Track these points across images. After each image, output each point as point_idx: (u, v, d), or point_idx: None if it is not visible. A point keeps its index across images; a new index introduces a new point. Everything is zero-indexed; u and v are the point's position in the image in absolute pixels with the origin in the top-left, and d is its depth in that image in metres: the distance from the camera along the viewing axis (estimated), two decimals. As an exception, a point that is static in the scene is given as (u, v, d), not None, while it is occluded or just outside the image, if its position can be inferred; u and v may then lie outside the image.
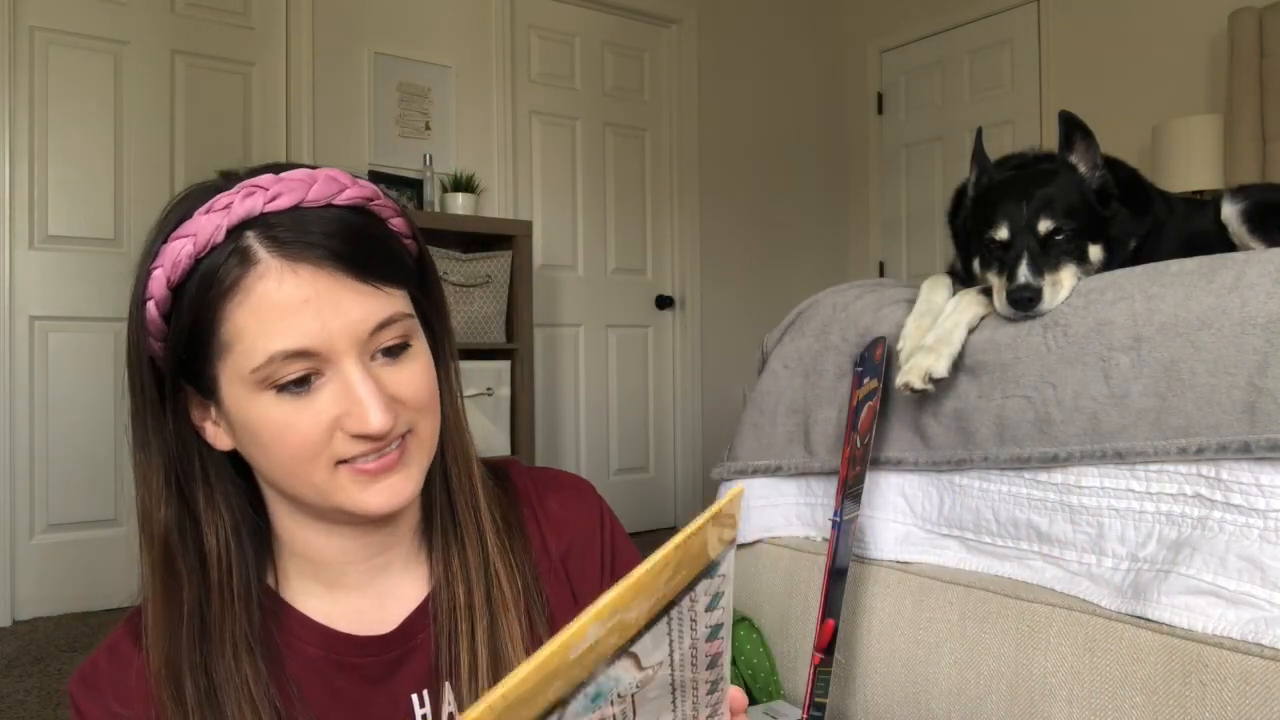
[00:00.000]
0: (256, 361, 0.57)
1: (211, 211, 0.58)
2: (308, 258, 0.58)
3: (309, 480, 0.61)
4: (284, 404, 0.59)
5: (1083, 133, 1.36)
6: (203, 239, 0.57)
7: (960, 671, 1.23)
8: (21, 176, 2.78)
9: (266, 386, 0.58)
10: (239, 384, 0.59)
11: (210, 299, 0.58)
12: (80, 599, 2.81)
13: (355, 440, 0.60)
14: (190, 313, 0.59)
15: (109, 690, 0.63)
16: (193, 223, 0.58)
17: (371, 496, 0.61)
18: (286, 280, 0.57)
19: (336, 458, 0.60)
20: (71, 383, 2.84)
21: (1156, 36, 3.51)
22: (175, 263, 0.58)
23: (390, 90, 3.40)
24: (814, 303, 1.64)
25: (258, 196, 0.58)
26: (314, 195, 0.60)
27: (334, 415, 0.59)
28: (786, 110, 4.45)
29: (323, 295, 0.58)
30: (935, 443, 1.34)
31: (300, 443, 0.59)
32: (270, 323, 0.57)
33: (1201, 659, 1.00)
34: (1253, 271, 1.10)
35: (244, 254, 0.57)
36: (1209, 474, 1.07)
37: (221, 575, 0.63)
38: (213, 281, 0.58)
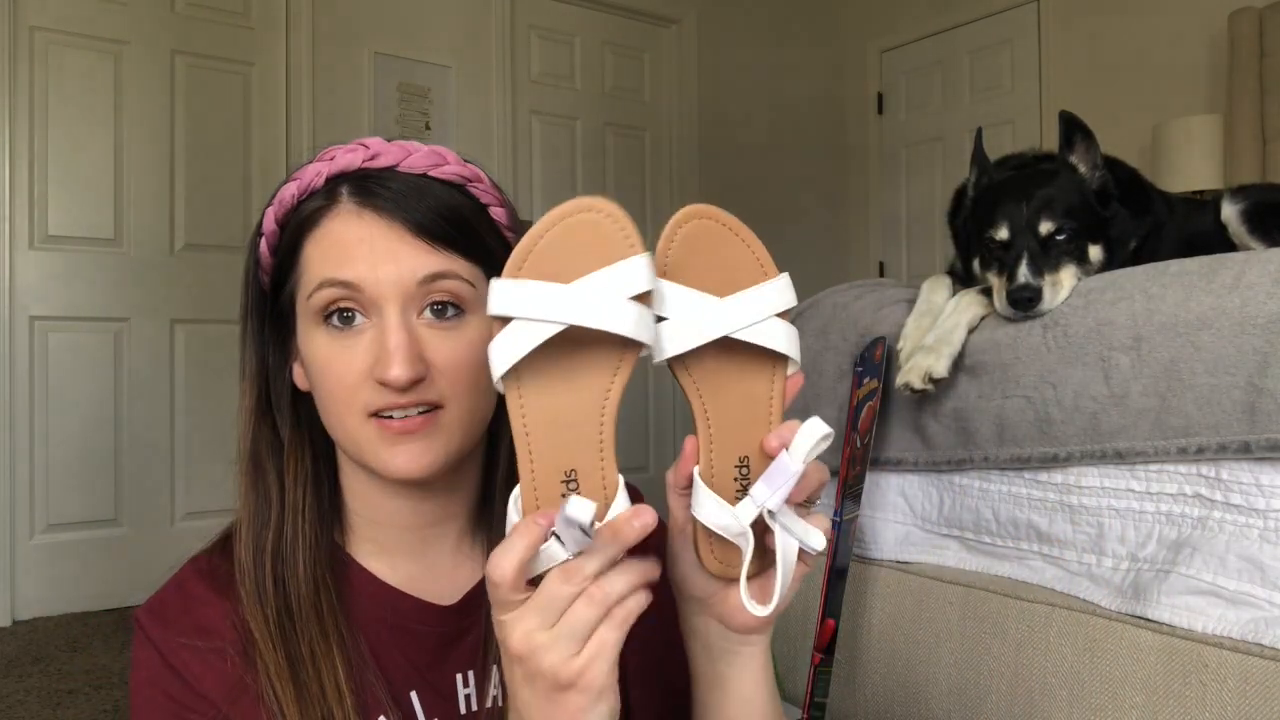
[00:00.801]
0: (310, 288, 0.63)
1: (320, 160, 0.66)
2: (377, 206, 0.63)
3: (344, 426, 0.64)
4: (331, 341, 0.63)
5: (1083, 133, 1.36)
6: (305, 182, 0.65)
7: (960, 671, 1.23)
8: (21, 176, 2.78)
9: (319, 320, 0.63)
10: (304, 315, 0.65)
11: (299, 232, 0.65)
12: (80, 599, 2.81)
13: (381, 390, 0.62)
14: (285, 246, 0.66)
15: (180, 622, 0.65)
16: (304, 168, 0.66)
17: (391, 458, 0.63)
18: (351, 221, 0.63)
19: (368, 408, 0.62)
20: (71, 383, 2.84)
21: (1156, 36, 3.51)
22: (282, 201, 0.66)
23: (390, 90, 3.40)
24: (814, 303, 1.64)
25: (359, 153, 0.66)
26: (411, 163, 0.66)
27: (368, 361, 0.62)
28: (786, 110, 4.45)
29: (378, 240, 0.62)
30: (935, 443, 1.34)
31: (337, 382, 0.63)
32: (327, 254, 0.63)
33: (1201, 659, 1.00)
34: (1253, 271, 1.10)
35: (331, 196, 0.64)
36: (1209, 474, 1.07)
37: (299, 500, 0.67)
38: (304, 219, 0.64)
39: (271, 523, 0.67)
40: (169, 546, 2.92)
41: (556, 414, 0.52)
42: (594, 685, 0.49)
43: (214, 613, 0.65)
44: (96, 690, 2.13)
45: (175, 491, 3.00)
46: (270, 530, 0.66)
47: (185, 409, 3.03)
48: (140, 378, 2.95)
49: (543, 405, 0.52)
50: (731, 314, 0.55)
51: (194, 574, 0.68)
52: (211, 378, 3.07)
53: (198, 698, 0.62)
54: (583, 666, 0.49)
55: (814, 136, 4.56)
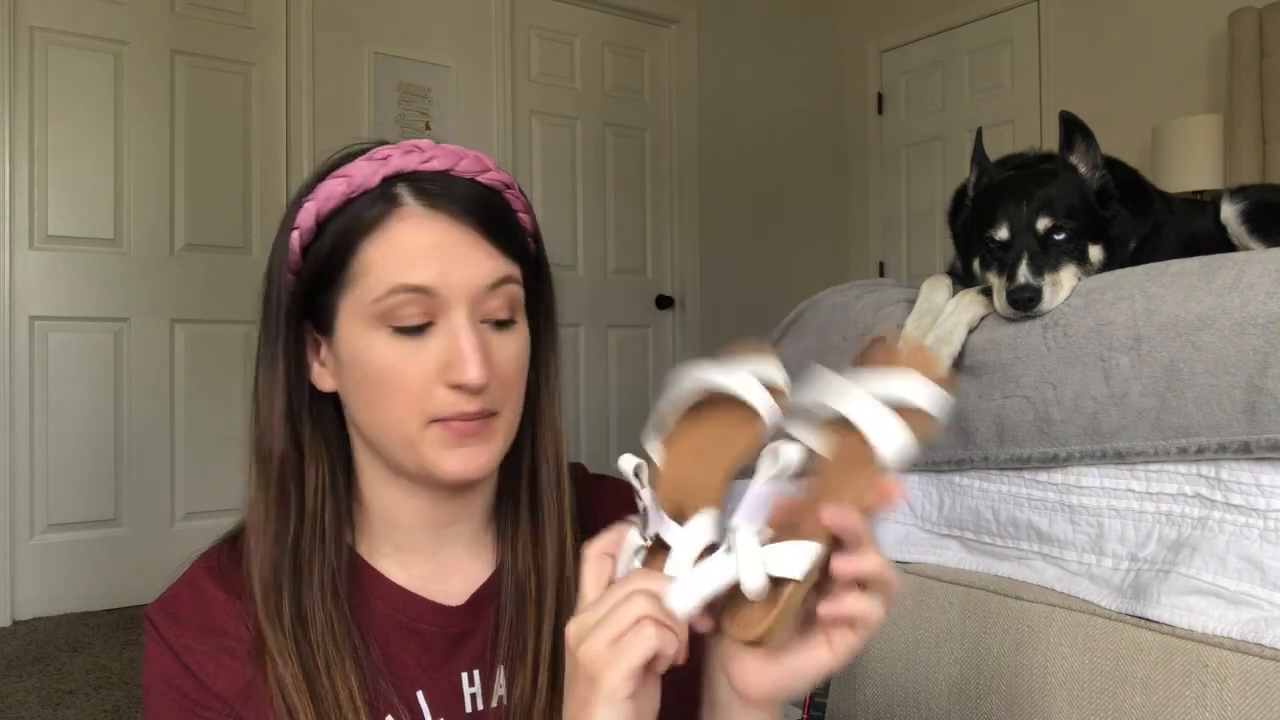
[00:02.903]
0: (379, 292, 0.61)
1: (371, 159, 0.64)
2: (446, 210, 0.63)
3: (401, 429, 0.63)
4: (396, 344, 0.62)
5: (1083, 133, 1.36)
6: (358, 181, 0.63)
7: (960, 671, 1.23)
8: (21, 176, 2.78)
9: (383, 323, 0.62)
10: (358, 318, 0.63)
11: (352, 233, 0.63)
12: (80, 599, 2.81)
13: (452, 393, 0.62)
14: (330, 243, 0.63)
15: (192, 619, 0.65)
16: (352, 166, 0.64)
17: (450, 459, 0.64)
18: (423, 224, 0.62)
19: (431, 415, 0.63)
20: (71, 383, 2.84)
21: (1156, 36, 3.51)
22: (328, 197, 0.63)
23: (390, 90, 3.40)
24: (814, 303, 1.64)
25: (414, 155, 0.65)
26: (462, 167, 0.66)
27: (438, 365, 0.62)
28: (786, 110, 4.45)
29: (451, 244, 0.63)
30: (935, 443, 1.34)
31: (403, 386, 0.62)
32: (399, 258, 0.62)
33: (1201, 659, 1.00)
34: (1253, 271, 1.10)
35: (391, 198, 0.63)
36: (1209, 474, 1.07)
37: (317, 509, 0.67)
38: (358, 217, 0.63)
39: (290, 535, 0.65)
40: (169, 546, 2.92)
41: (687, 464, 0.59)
42: (605, 685, 0.50)
43: (227, 611, 0.65)
44: (96, 690, 2.13)
45: (175, 491, 3.00)
46: (289, 542, 0.65)
47: (185, 409, 3.02)
48: (140, 378, 2.95)
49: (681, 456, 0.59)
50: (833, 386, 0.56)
51: (205, 571, 0.68)
52: (211, 378, 3.07)
53: (211, 696, 0.63)
54: (604, 663, 0.50)
55: (814, 136, 4.56)
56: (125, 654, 2.39)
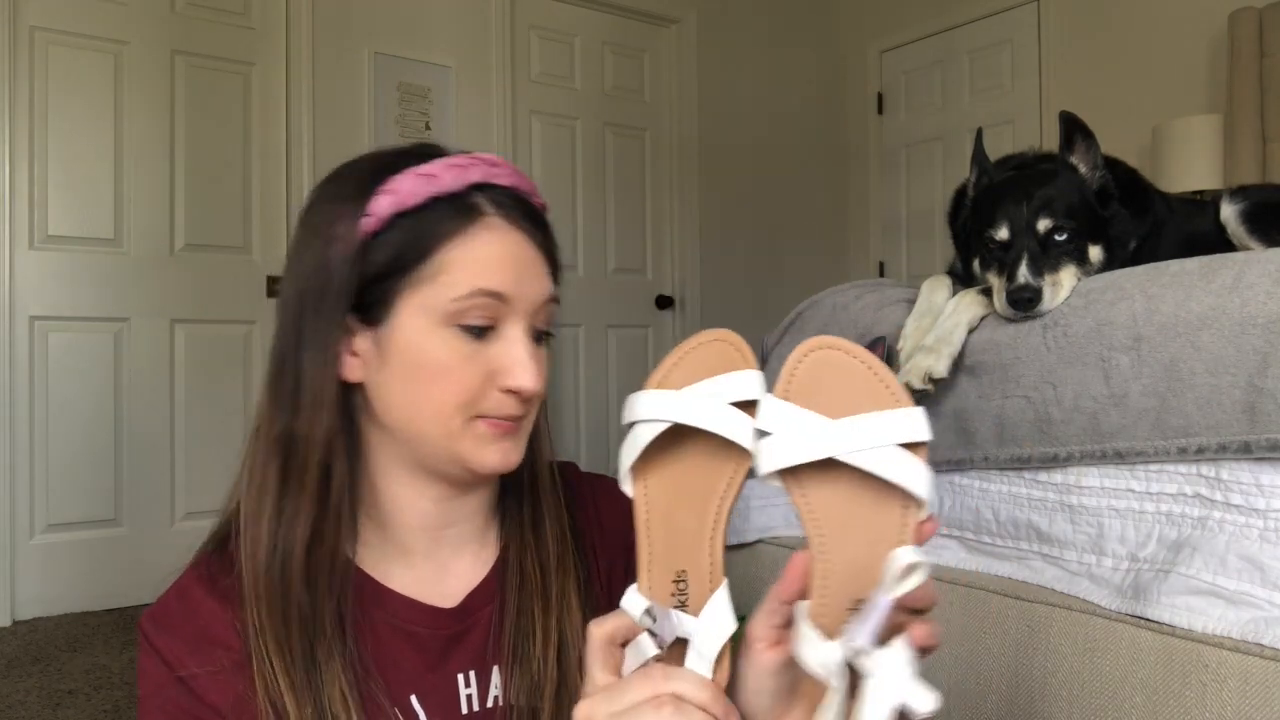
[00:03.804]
0: (459, 292, 0.64)
1: (454, 166, 0.66)
2: (522, 226, 0.67)
3: (442, 423, 0.65)
4: (461, 343, 0.64)
5: (1083, 133, 1.36)
6: (444, 183, 0.65)
7: (960, 671, 1.24)
8: (21, 176, 2.78)
9: (452, 321, 0.64)
10: (426, 312, 0.64)
11: (433, 232, 0.64)
12: (80, 599, 2.81)
13: (504, 395, 0.66)
14: (405, 237, 0.64)
15: (182, 629, 0.65)
16: (434, 167, 0.65)
17: (491, 453, 0.67)
18: (504, 235, 0.66)
19: (477, 412, 0.66)
20: (71, 383, 2.84)
21: (1156, 36, 3.51)
22: (412, 194, 0.64)
23: (390, 90, 3.40)
24: (814, 303, 1.64)
25: (494, 169, 0.68)
26: (524, 186, 0.70)
27: (494, 368, 0.65)
28: (786, 110, 4.45)
29: (525, 258, 0.67)
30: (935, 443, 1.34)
31: (461, 383, 0.65)
32: (482, 263, 0.64)
33: (1201, 659, 1.00)
34: (1253, 271, 1.10)
35: (474, 206, 0.66)
36: (1209, 474, 1.07)
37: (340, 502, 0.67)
38: (440, 220, 0.64)
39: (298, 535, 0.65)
40: (169, 546, 2.92)
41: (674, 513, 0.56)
42: None
43: (217, 620, 0.65)
44: (96, 690, 2.13)
45: (175, 491, 3.00)
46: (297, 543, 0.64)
47: (185, 409, 3.02)
48: (140, 378, 2.95)
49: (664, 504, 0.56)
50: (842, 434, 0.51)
51: (196, 580, 0.68)
52: (211, 378, 3.07)
53: (205, 708, 0.63)
54: None
55: (814, 136, 4.56)
56: (125, 654, 2.39)
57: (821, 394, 0.53)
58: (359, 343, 0.66)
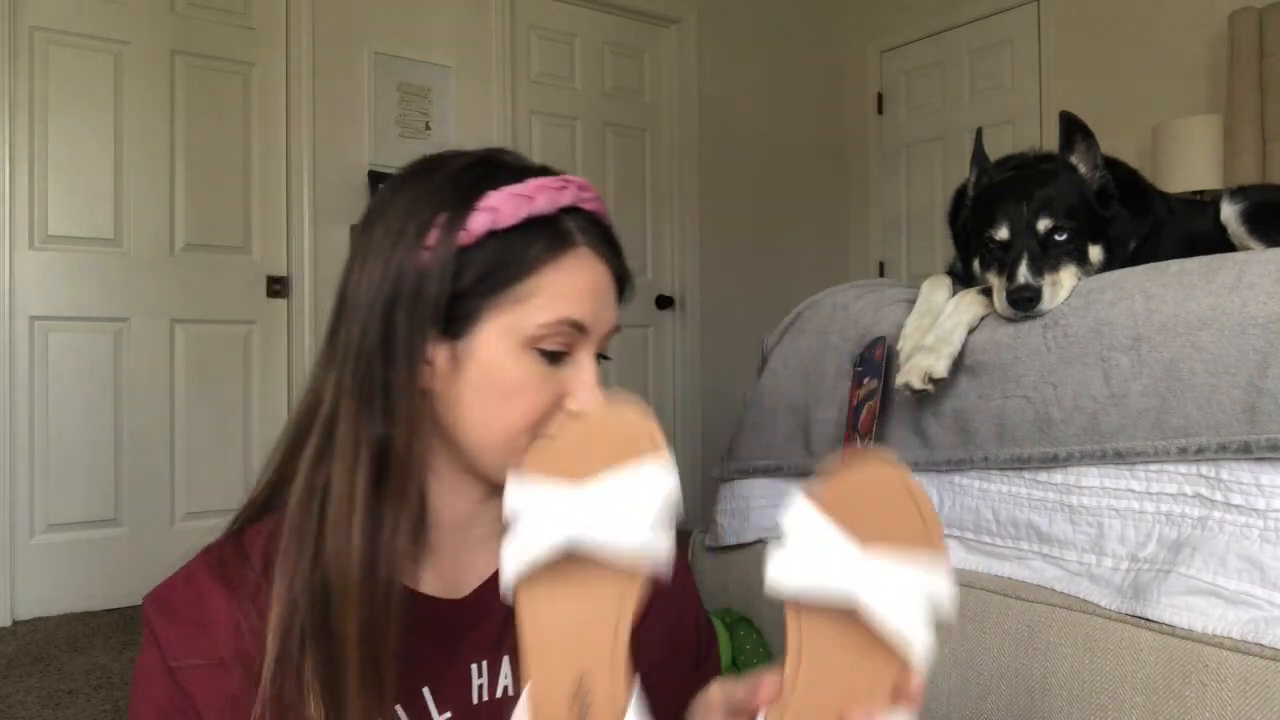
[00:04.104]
0: (545, 319, 0.65)
1: (548, 188, 0.67)
2: (606, 256, 0.69)
3: (513, 442, 0.66)
4: (537, 366, 0.66)
5: (1083, 133, 1.36)
6: (539, 206, 0.66)
7: (960, 671, 1.23)
8: (21, 176, 2.77)
9: (532, 345, 0.65)
10: (509, 333, 0.65)
11: (528, 254, 0.65)
12: (80, 599, 2.81)
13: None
14: (498, 257, 0.65)
15: (184, 614, 0.65)
16: (530, 188, 0.66)
17: None
18: (594, 266, 0.68)
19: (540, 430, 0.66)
20: (71, 383, 2.84)
21: (1156, 36, 3.51)
22: (511, 214, 0.65)
23: (390, 90, 3.40)
24: (814, 303, 1.64)
25: (584, 193, 0.69)
26: (603, 210, 0.72)
27: (563, 391, 0.66)
28: (786, 110, 4.45)
29: (602, 289, 0.69)
30: (935, 443, 1.34)
31: (533, 404, 0.66)
32: (569, 292, 0.66)
33: (1201, 659, 1.00)
34: (1253, 271, 1.10)
35: (567, 233, 0.67)
36: (1209, 474, 1.07)
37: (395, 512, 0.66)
38: (534, 242, 0.65)
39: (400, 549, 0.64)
40: (169, 546, 2.92)
41: (570, 619, 0.51)
42: None
43: (221, 612, 0.65)
44: (96, 690, 2.13)
45: (175, 491, 3.00)
46: (400, 557, 0.64)
47: (185, 409, 3.02)
48: (140, 378, 2.95)
49: (556, 610, 0.51)
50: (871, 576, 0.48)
51: (205, 566, 0.68)
52: (211, 378, 3.07)
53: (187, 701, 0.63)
54: None
55: (814, 136, 4.56)
56: (125, 654, 2.39)
57: (860, 513, 0.49)
58: (433, 351, 0.66)
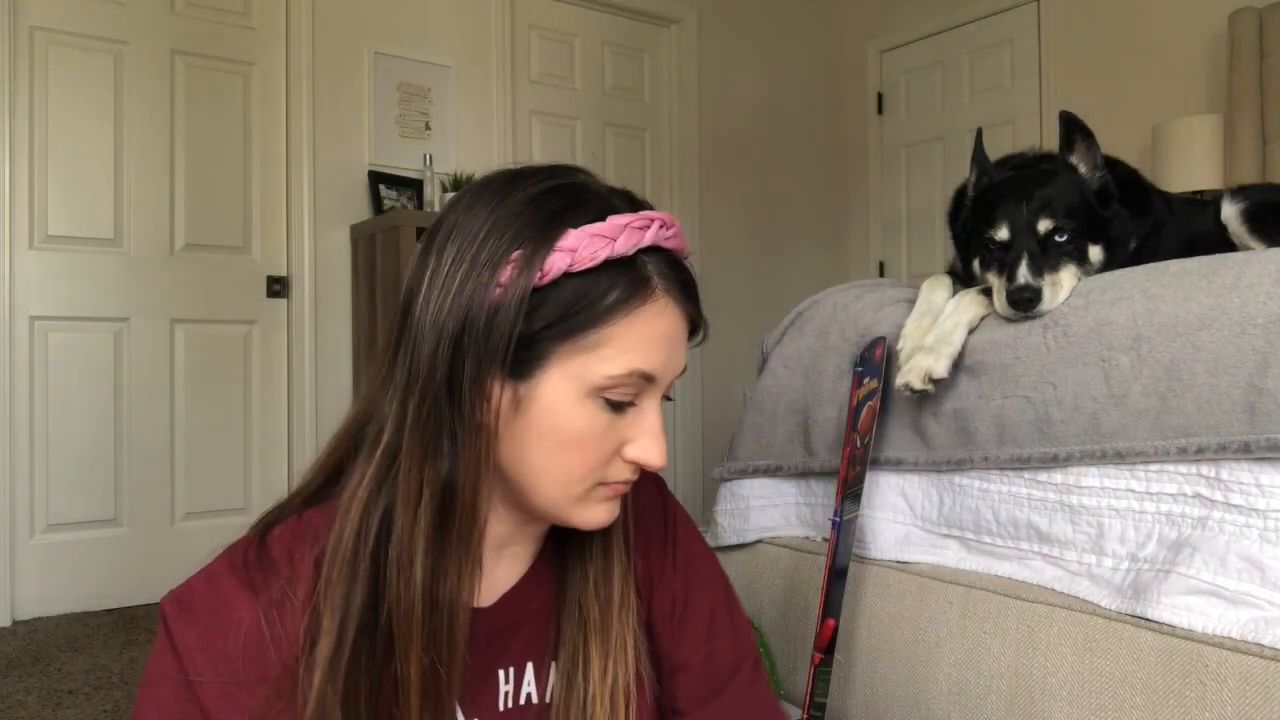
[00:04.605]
0: (615, 370, 0.62)
1: (631, 228, 0.63)
2: (680, 303, 0.66)
3: (569, 489, 0.65)
4: (603, 416, 0.64)
5: (1083, 133, 1.36)
6: (619, 249, 0.62)
7: (960, 671, 1.23)
8: (21, 176, 2.78)
9: (599, 395, 0.63)
10: (576, 379, 0.63)
11: (601, 303, 0.62)
12: (80, 599, 2.81)
13: (626, 466, 0.66)
14: (575, 302, 0.62)
15: (203, 616, 0.63)
16: (610, 228, 0.62)
17: (597, 513, 0.67)
18: (665, 313, 0.65)
19: (602, 478, 0.66)
20: (71, 383, 2.84)
21: (1156, 36, 3.51)
22: (589, 257, 0.61)
23: (390, 90, 3.40)
24: (814, 303, 1.64)
25: (665, 231, 0.66)
26: (684, 245, 0.69)
27: (625, 439, 0.65)
28: (786, 110, 4.45)
29: (675, 337, 0.66)
30: (935, 443, 1.34)
31: (594, 454, 0.64)
32: (642, 344, 0.63)
33: (1201, 659, 1.00)
34: (1253, 271, 1.10)
35: (645, 279, 0.64)
36: (1209, 474, 1.07)
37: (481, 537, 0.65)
38: (611, 289, 0.62)
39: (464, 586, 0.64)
40: (169, 546, 2.92)
41: None
42: None
43: (243, 616, 0.62)
44: (96, 690, 2.13)
45: (175, 491, 3.00)
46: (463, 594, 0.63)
47: (185, 409, 3.02)
48: (140, 378, 2.95)
49: None
50: None
51: (228, 568, 0.65)
52: (211, 378, 3.07)
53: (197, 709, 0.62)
54: None
55: (814, 136, 4.56)
56: (125, 654, 2.39)
57: None
58: (496, 390, 0.63)
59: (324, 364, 3.23)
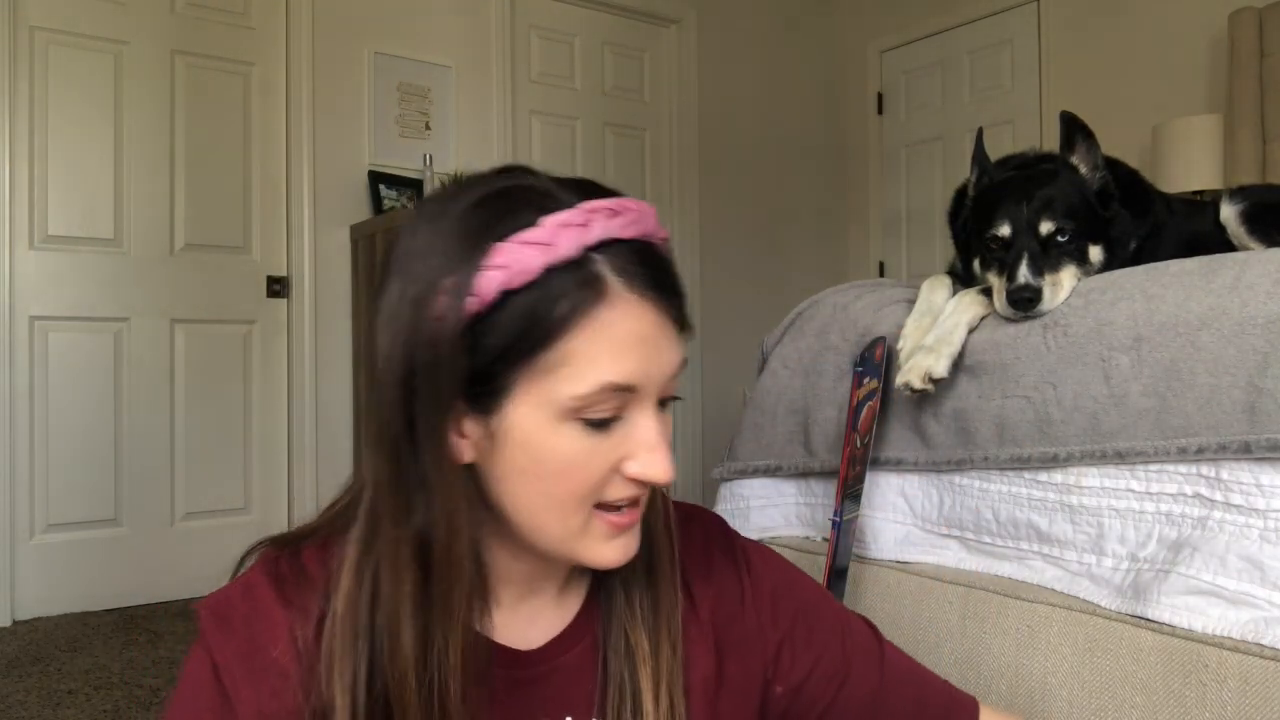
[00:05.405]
0: (583, 389, 0.56)
1: (569, 226, 0.56)
2: (650, 297, 0.58)
3: (565, 522, 0.60)
4: (584, 439, 0.58)
5: (1083, 133, 1.36)
6: (558, 254, 0.55)
7: (960, 671, 1.23)
8: (21, 176, 2.78)
9: (574, 417, 0.57)
10: (545, 407, 0.57)
11: (553, 317, 0.55)
12: (80, 599, 2.81)
13: (628, 484, 0.60)
14: (520, 322, 0.56)
15: (241, 629, 0.61)
16: (545, 232, 0.55)
17: (610, 552, 0.62)
18: (629, 313, 0.57)
19: (599, 500, 0.60)
20: (71, 383, 2.84)
21: (1156, 36, 3.51)
22: (524, 270, 0.55)
23: (390, 90, 3.40)
24: (814, 303, 1.64)
25: (614, 221, 0.57)
26: (649, 229, 0.60)
27: (621, 456, 0.59)
28: (786, 110, 4.45)
29: (654, 336, 0.58)
30: (935, 443, 1.34)
31: (585, 480, 0.59)
32: (608, 354, 0.56)
33: (1201, 659, 1.00)
34: (1253, 271, 1.10)
35: (595, 280, 0.56)
36: (1209, 474, 1.07)
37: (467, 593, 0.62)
38: (558, 299, 0.55)
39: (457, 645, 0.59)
40: (169, 546, 2.92)
41: None
42: None
43: (279, 629, 0.61)
44: (96, 690, 2.13)
45: (175, 491, 3.00)
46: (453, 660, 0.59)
47: (185, 409, 3.02)
48: (140, 378, 2.95)
49: None
50: None
51: (265, 579, 0.62)
52: (211, 378, 3.07)
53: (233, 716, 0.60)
54: None
55: (814, 136, 4.56)
56: (125, 654, 2.39)
57: None
58: (468, 426, 0.59)
59: (324, 364, 3.23)
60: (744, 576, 0.74)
